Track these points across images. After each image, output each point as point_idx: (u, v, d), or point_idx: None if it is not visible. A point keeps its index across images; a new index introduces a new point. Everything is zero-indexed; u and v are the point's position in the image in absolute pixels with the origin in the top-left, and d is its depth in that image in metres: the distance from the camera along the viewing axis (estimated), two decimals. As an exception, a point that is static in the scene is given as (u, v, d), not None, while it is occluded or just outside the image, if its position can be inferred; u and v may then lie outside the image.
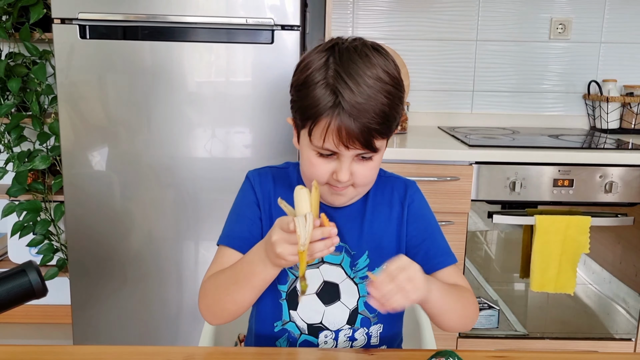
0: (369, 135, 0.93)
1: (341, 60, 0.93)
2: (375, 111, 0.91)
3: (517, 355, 0.99)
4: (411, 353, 0.98)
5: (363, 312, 1.06)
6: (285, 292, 1.06)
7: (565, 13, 2.54)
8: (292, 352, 1.01)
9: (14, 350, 0.96)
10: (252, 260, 0.93)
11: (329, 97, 0.92)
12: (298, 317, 1.05)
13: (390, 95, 0.94)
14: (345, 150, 0.94)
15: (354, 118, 0.91)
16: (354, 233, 1.06)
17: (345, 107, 0.91)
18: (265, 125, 1.95)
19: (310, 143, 0.97)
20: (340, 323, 1.05)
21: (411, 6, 2.52)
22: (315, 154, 0.97)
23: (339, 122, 0.91)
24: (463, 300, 1.01)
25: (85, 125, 1.93)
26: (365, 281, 1.02)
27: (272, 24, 1.87)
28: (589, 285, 2.21)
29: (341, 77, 0.92)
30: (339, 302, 1.05)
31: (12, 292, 0.72)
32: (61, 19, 1.85)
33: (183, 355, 0.95)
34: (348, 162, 0.95)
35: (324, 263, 1.05)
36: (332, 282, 1.05)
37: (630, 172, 2.01)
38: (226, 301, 0.97)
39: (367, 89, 0.91)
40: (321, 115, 0.92)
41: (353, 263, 1.06)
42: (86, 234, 2.01)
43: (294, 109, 1.00)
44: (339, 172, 0.95)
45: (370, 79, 0.92)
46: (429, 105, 2.60)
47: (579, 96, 2.61)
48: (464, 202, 2.01)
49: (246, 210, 1.07)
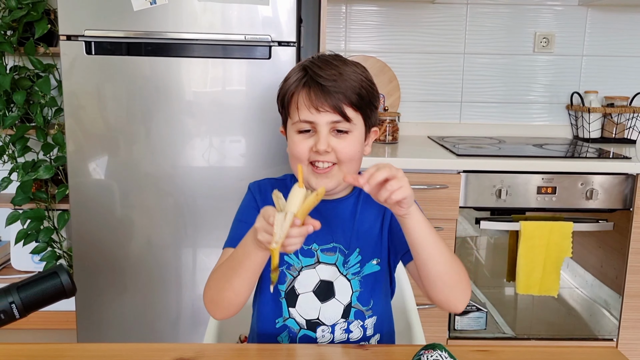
0: (337, 100, 1.04)
1: (317, 57, 1.09)
2: (342, 80, 1.05)
3: (501, 349, 1.08)
4: (402, 348, 1.07)
5: (356, 306, 1.14)
6: (284, 291, 1.14)
7: (549, 27, 2.65)
8: (292, 348, 1.09)
9: (21, 348, 1.03)
10: (245, 244, 1.01)
11: (300, 74, 1.07)
12: (297, 314, 1.14)
13: (360, 76, 1.07)
14: (318, 115, 1.04)
15: (322, 83, 1.03)
16: (346, 232, 1.14)
17: (313, 76, 1.05)
18: (261, 135, 2.04)
19: (291, 123, 1.08)
20: (335, 318, 1.13)
21: (401, 21, 2.62)
22: (296, 133, 1.07)
23: (307, 88, 1.05)
24: (452, 254, 1.03)
25: (89, 135, 2.01)
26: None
27: (269, 40, 1.96)
28: (573, 288, 2.31)
29: (314, 63, 1.07)
30: (334, 299, 1.13)
31: (47, 292, 0.80)
32: (67, 35, 1.93)
33: (193, 351, 1.03)
34: (325, 131, 1.05)
35: (320, 263, 1.13)
36: (327, 280, 1.13)
37: (610, 179, 2.11)
38: (226, 288, 1.04)
39: (336, 69, 1.06)
40: (294, 91, 1.06)
41: (345, 261, 1.14)
42: (90, 242, 2.07)
43: (279, 105, 1.13)
44: (318, 142, 1.04)
45: (341, 66, 1.07)
46: (419, 115, 2.69)
47: (562, 107, 2.72)
48: (452, 209, 2.10)
49: (248, 216, 1.12)
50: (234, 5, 1.93)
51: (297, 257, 1.14)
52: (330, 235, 1.14)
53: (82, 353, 1.04)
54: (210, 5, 1.93)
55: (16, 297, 0.79)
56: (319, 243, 1.14)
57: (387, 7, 2.61)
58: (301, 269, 1.14)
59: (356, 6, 2.60)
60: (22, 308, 0.79)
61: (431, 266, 1.00)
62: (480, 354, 1.05)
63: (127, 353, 1.04)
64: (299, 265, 1.14)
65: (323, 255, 1.14)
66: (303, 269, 1.14)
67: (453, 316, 2.21)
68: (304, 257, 1.14)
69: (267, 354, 1.04)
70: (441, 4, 2.60)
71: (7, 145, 2.38)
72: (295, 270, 1.14)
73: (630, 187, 2.12)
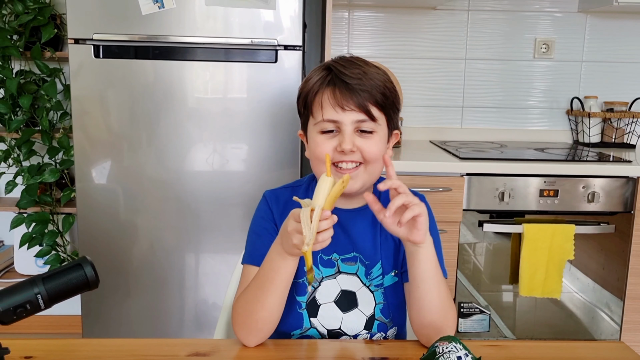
0: (362, 98, 1.02)
1: (339, 58, 1.09)
2: (367, 79, 1.04)
3: (512, 343, 1.09)
4: (416, 343, 1.08)
5: (379, 318, 1.12)
6: (304, 302, 1.12)
7: (549, 34, 2.69)
8: (308, 343, 1.09)
9: (38, 343, 1.04)
10: (272, 259, 1.00)
11: (324, 72, 1.06)
12: (319, 324, 1.12)
13: (384, 77, 1.07)
14: (343, 114, 1.02)
15: (347, 82, 1.02)
16: (367, 243, 1.12)
17: (338, 74, 1.03)
18: (266, 139, 2.05)
19: (314, 124, 1.06)
20: (358, 329, 1.12)
21: (404, 27, 2.65)
22: (319, 133, 1.05)
23: (332, 87, 1.03)
24: (445, 290, 1.04)
25: (96, 139, 2.02)
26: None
27: (275, 44, 1.98)
28: (575, 292, 2.33)
29: (338, 63, 1.06)
30: (356, 309, 1.12)
31: (71, 283, 0.81)
32: (75, 39, 1.95)
33: (209, 346, 1.04)
34: (349, 130, 1.03)
35: (341, 273, 1.12)
36: (349, 290, 1.12)
37: (611, 182, 2.14)
38: (257, 310, 1.01)
39: (360, 68, 1.05)
40: (318, 89, 1.05)
41: (367, 272, 1.12)
42: (95, 245, 2.08)
43: (299, 106, 1.11)
44: (343, 142, 1.02)
45: (365, 66, 1.06)
46: (421, 120, 2.72)
47: (562, 112, 2.75)
48: (455, 211, 2.13)
49: (265, 227, 1.11)
50: (241, 10, 1.95)
51: (318, 268, 1.12)
52: (351, 245, 1.12)
53: (98, 347, 1.05)
54: (218, 9, 1.95)
55: (42, 288, 0.80)
56: (339, 253, 1.12)
57: (389, 13, 2.64)
58: (322, 279, 1.12)
59: (359, 12, 2.64)
60: (47, 299, 0.80)
61: (426, 301, 1.02)
62: (491, 349, 1.06)
63: (142, 348, 1.04)
64: (320, 276, 1.12)
65: (344, 265, 1.12)
66: (324, 280, 1.12)
67: (457, 319, 2.22)
68: (324, 267, 1.12)
69: (282, 348, 1.05)
70: (443, 10, 2.64)
71: (12, 149, 2.39)
72: (316, 281, 1.12)
73: (631, 190, 2.14)
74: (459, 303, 2.22)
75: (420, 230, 0.96)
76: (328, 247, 0.99)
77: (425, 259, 1.00)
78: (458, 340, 0.93)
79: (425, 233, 0.97)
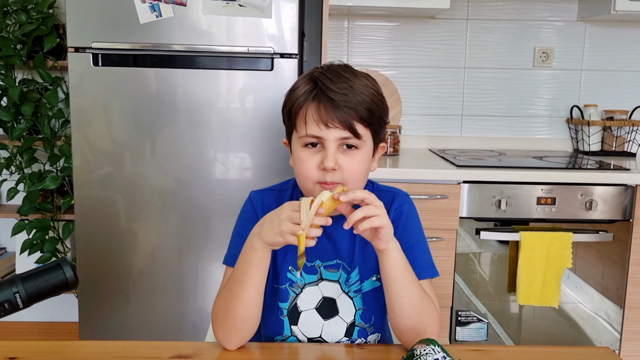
0: (347, 115, 1.00)
1: (326, 68, 1.06)
2: (354, 94, 1.01)
3: (496, 349, 1.09)
4: (400, 347, 1.08)
5: (360, 324, 1.12)
6: (286, 309, 1.12)
7: (548, 42, 2.69)
8: (291, 347, 1.10)
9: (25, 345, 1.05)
10: (246, 252, 1.01)
11: (309, 86, 1.03)
12: (299, 332, 1.12)
13: (372, 90, 1.04)
14: (327, 130, 1.00)
15: (332, 97, 1.00)
16: (349, 250, 1.12)
17: (323, 89, 1.00)
18: (264, 146, 2.07)
19: (297, 137, 1.05)
20: (338, 336, 1.12)
21: (403, 36, 2.67)
22: (302, 147, 1.04)
23: (317, 102, 1.01)
24: (419, 295, 1.02)
25: (95, 147, 2.04)
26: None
27: (272, 52, 2.00)
28: (574, 300, 2.31)
29: (323, 74, 1.03)
30: (337, 316, 1.12)
31: (50, 283, 0.82)
32: (75, 47, 1.98)
33: (192, 349, 1.04)
34: (332, 147, 1.01)
35: (323, 280, 1.12)
36: (330, 297, 1.12)
37: (610, 190, 2.13)
38: (234, 306, 1.01)
39: (347, 82, 1.02)
40: (303, 104, 1.02)
41: (347, 278, 1.12)
42: (94, 253, 2.10)
43: (284, 117, 1.09)
44: (325, 159, 1.01)
45: (352, 78, 1.03)
46: (421, 129, 2.73)
47: (562, 120, 2.75)
48: (452, 219, 2.12)
49: (248, 229, 1.08)
50: (237, 18, 1.98)
51: (300, 275, 1.12)
52: (334, 252, 1.12)
53: (86, 349, 1.06)
54: (214, 18, 1.98)
55: (20, 288, 0.81)
56: (322, 260, 1.12)
57: (388, 22, 2.65)
58: (304, 286, 1.12)
59: (358, 21, 2.65)
60: (26, 298, 0.81)
61: (397, 305, 1.02)
62: (475, 354, 1.06)
63: (125, 350, 1.05)
64: (302, 282, 1.12)
65: (326, 272, 1.12)
66: (306, 286, 1.12)
67: (454, 327, 2.22)
68: (307, 274, 1.12)
69: (264, 352, 1.06)
70: (442, 19, 2.65)
71: (14, 156, 2.42)
72: (298, 287, 1.12)
73: (630, 198, 2.13)
74: (457, 311, 2.21)
75: (381, 240, 0.97)
76: (312, 254, 0.99)
77: (390, 265, 1.00)
78: (437, 343, 0.93)
79: (388, 242, 0.98)
